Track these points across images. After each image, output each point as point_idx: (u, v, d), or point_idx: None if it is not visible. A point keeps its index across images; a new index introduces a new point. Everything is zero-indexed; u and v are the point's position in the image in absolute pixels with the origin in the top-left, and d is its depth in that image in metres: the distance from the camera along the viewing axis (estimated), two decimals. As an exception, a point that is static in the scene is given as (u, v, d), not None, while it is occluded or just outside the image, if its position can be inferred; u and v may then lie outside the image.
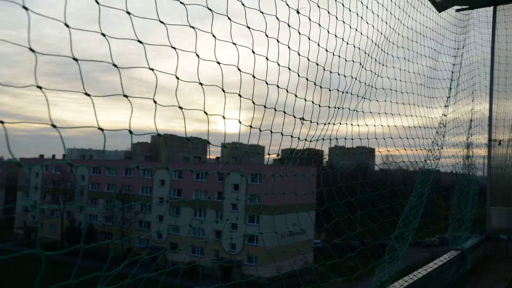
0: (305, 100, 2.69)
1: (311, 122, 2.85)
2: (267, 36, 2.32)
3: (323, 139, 3.28)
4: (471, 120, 6.42)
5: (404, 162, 4.41)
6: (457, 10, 6.07)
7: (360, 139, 3.49)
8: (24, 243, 47.13)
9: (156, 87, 1.70)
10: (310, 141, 3.02)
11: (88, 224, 46.00)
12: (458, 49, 5.79)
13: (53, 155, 56.52)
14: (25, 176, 54.05)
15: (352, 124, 3.37)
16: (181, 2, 1.77)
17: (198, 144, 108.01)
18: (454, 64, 5.59)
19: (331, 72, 3.02)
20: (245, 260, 38.71)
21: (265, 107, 2.31)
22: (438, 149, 4.93)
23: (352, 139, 3.46)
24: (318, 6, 2.74)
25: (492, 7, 6.34)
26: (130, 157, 71.75)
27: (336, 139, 3.61)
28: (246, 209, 39.23)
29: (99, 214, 45.33)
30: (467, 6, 6.16)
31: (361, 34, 3.36)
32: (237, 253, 39.13)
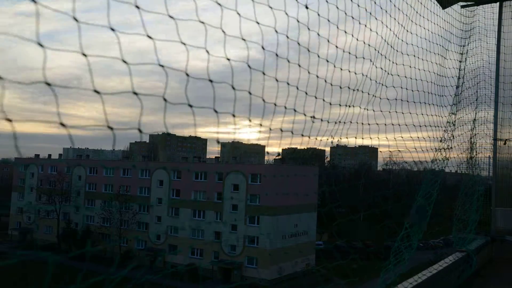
0: (316, 97, 2.61)
1: (322, 120, 2.76)
2: (276, 31, 2.25)
3: (327, 139, 3.19)
4: (474, 119, 6.33)
5: (414, 161, 4.31)
6: (463, 7, 5.98)
7: (371, 138, 3.39)
8: (19, 245, 46.84)
9: (166, 84, 1.63)
10: (316, 139, 2.93)
11: (84, 226, 45.77)
12: (463, 46, 5.71)
13: (49, 155, 56.54)
14: (20, 176, 53.93)
15: (363, 123, 3.28)
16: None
17: (197, 143, 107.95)
18: (460, 62, 5.51)
19: (341, 69, 2.94)
20: (246, 262, 38.54)
21: (275, 105, 2.22)
22: (447, 149, 4.83)
23: (362, 138, 3.37)
24: (327, 2, 2.67)
25: (498, 3, 6.25)
26: (128, 157, 71.45)
27: (340, 138, 3.52)
28: (246, 210, 39.09)
29: (96, 215, 45.19)
30: (473, 2, 6.07)
31: (371, 30, 3.28)
32: (237, 255, 38.98)
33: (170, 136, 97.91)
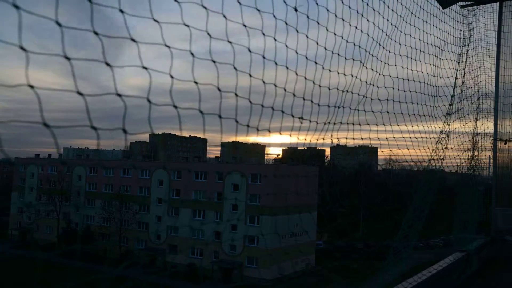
0: (304, 99, 2.59)
1: (310, 121, 2.74)
2: (263, 34, 2.22)
3: (323, 139, 3.17)
4: (476, 119, 6.31)
5: (408, 162, 4.31)
6: (462, 6, 5.94)
7: (362, 139, 3.38)
8: (20, 244, 47.00)
9: (150, 85, 1.63)
10: (310, 140, 2.91)
11: (84, 225, 45.96)
12: (463, 46, 5.68)
13: (49, 155, 56.83)
14: (20, 176, 54.06)
15: (353, 124, 3.27)
16: (175, 0, 1.72)
17: (197, 143, 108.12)
18: (459, 62, 5.47)
19: (330, 70, 2.92)
20: (246, 261, 38.58)
21: (262, 106, 2.21)
22: (442, 149, 4.82)
23: (353, 138, 3.36)
24: (317, 4, 2.65)
25: (498, 3, 6.21)
26: (128, 157, 71.49)
27: (338, 138, 3.52)
28: (246, 210, 39.10)
29: (96, 215, 45.41)
30: (472, 2, 6.03)
31: (362, 32, 3.27)
32: (237, 255, 39.02)
33: (170, 136, 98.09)
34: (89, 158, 58.56)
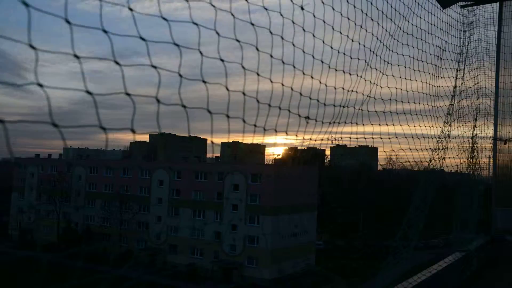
0: (310, 98, 2.62)
1: (316, 121, 2.77)
2: (271, 33, 2.25)
3: (328, 139, 3.21)
4: (475, 119, 6.34)
5: (409, 162, 4.34)
6: (462, 7, 5.97)
7: (365, 138, 3.41)
8: (19, 245, 46.94)
9: (159, 85, 1.66)
10: (315, 141, 2.94)
11: (85, 225, 45.91)
12: (463, 46, 5.71)
13: (49, 155, 56.72)
14: (20, 176, 54.03)
15: (357, 124, 3.30)
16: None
17: (197, 143, 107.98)
18: (459, 62, 5.51)
19: (336, 70, 2.95)
20: (246, 261, 38.58)
21: (269, 105, 2.23)
22: (443, 149, 4.85)
23: (357, 138, 3.38)
24: (323, 3, 2.68)
25: (498, 3, 6.24)
26: (128, 157, 71.54)
27: (341, 138, 3.56)
28: (246, 210, 39.12)
29: (96, 215, 45.44)
30: (473, 2, 6.06)
31: (366, 31, 3.30)
32: (237, 255, 39.03)
33: (170, 136, 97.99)
34: (89, 158, 58.51)
